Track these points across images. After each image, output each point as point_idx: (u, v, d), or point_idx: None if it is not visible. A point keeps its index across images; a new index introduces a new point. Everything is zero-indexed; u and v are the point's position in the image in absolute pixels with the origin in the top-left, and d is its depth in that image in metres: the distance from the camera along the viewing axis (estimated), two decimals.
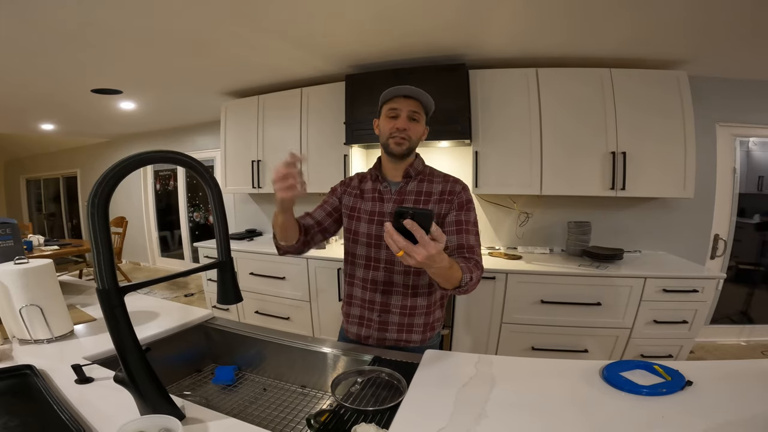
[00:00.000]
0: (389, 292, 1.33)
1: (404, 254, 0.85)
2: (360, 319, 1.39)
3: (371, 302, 1.35)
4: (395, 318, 1.33)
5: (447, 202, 1.28)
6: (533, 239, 3.22)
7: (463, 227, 1.24)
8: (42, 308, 1.23)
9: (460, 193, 1.29)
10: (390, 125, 1.26)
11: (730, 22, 2.13)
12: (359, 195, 1.39)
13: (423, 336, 1.36)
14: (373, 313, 1.35)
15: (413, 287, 1.32)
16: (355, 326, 1.40)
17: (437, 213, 1.27)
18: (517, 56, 2.78)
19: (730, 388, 0.94)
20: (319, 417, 0.91)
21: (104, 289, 0.74)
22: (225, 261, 0.99)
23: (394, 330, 1.34)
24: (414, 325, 1.34)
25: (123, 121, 5.10)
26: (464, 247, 1.21)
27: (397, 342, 1.34)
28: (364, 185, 1.41)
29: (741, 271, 3.35)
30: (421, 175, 1.35)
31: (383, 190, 1.35)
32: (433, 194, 1.30)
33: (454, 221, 1.25)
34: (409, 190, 1.32)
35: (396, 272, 1.31)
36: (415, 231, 0.84)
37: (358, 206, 1.37)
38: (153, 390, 0.82)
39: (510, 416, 0.87)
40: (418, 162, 1.35)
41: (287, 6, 2.07)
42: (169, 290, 5.14)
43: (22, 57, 2.65)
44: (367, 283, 1.35)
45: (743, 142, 3.15)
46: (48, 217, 8.62)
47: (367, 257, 1.34)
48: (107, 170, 0.73)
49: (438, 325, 1.41)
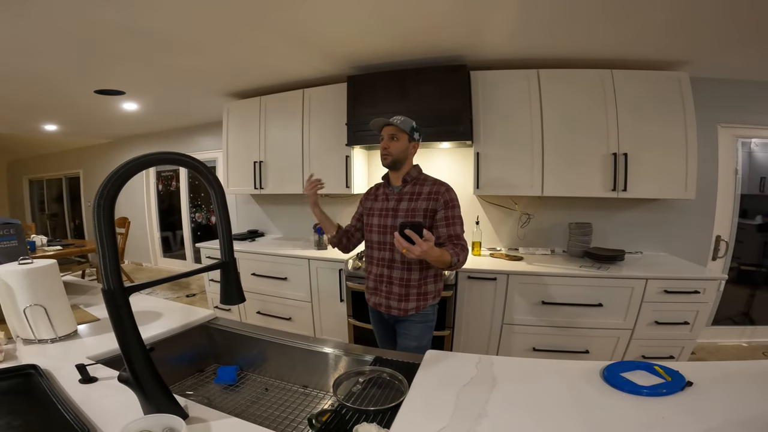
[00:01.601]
0: (392, 267, 1.74)
1: (406, 251, 1.30)
2: (375, 290, 1.82)
3: (380, 275, 1.78)
4: (396, 288, 1.73)
5: (433, 200, 1.69)
6: (534, 240, 3.22)
7: (451, 221, 1.66)
8: (46, 308, 1.23)
9: (444, 193, 1.69)
10: (381, 146, 1.76)
11: (731, 22, 2.12)
12: (375, 198, 1.87)
13: (417, 304, 1.72)
14: (381, 284, 1.78)
15: (409, 263, 1.71)
16: (372, 296, 1.84)
17: (425, 208, 1.69)
18: (518, 57, 2.79)
19: (730, 389, 0.95)
20: (321, 417, 0.92)
21: (110, 289, 0.75)
22: (228, 261, 1.00)
23: (396, 299, 1.73)
24: (410, 294, 1.72)
25: (126, 122, 5.12)
26: (453, 236, 1.65)
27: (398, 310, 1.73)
28: (379, 191, 1.88)
29: (743, 272, 3.34)
30: (415, 180, 1.78)
31: (388, 192, 1.82)
32: (423, 194, 1.72)
33: (443, 217, 1.67)
34: (405, 192, 1.76)
35: (396, 251, 1.70)
36: (412, 236, 1.29)
37: (372, 205, 1.85)
38: (157, 390, 0.83)
39: (510, 416, 0.87)
40: (413, 170, 1.80)
41: (289, 7, 2.07)
42: (171, 291, 5.16)
43: (26, 57, 2.67)
44: (377, 260, 1.79)
45: (745, 143, 3.15)
46: (51, 217, 8.65)
47: (378, 242, 1.79)
48: (112, 172, 0.74)
49: (431, 297, 1.76)
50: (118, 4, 1.98)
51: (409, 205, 1.72)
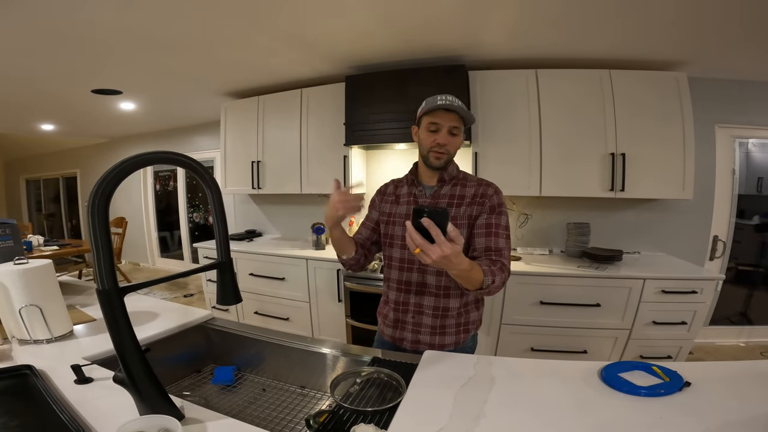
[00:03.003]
0: (422, 293, 1.36)
1: (420, 252, 0.91)
2: (395, 322, 1.41)
3: (405, 304, 1.39)
4: (428, 320, 1.35)
5: (479, 205, 1.31)
6: (533, 240, 3.22)
7: (493, 230, 1.28)
8: (41, 308, 1.23)
9: (492, 197, 1.32)
10: (431, 139, 1.30)
11: (729, 22, 2.13)
12: (395, 201, 1.44)
13: (456, 338, 1.36)
14: (407, 315, 1.38)
15: (445, 288, 1.34)
16: (390, 329, 1.43)
17: (469, 215, 1.31)
18: (516, 57, 2.79)
19: (728, 389, 0.95)
20: (319, 417, 0.92)
21: (104, 289, 0.75)
22: (225, 262, 0.99)
23: (428, 332, 1.35)
24: (447, 326, 1.35)
25: (123, 122, 5.11)
26: (492, 249, 1.25)
27: (431, 346, 1.34)
28: (400, 190, 1.45)
29: (740, 272, 3.35)
30: (455, 179, 1.38)
31: (418, 193, 1.39)
32: (466, 197, 1.33)
33: (484, 224, 1.29)
34: (443, 194, 1.36)
35: (429, 273, 1.34)
36: (431, 229, 0.89)
37: (393, 211, 1.42)
38: (152, 390, 0.82)
39: (508, 417, 0.87)
40: (452, 167, 1.38)
41: (287, 6, 2.07)
42: (168, 291, 5.14)
43: (22, 57, 2.66)
44: (402, 284, 1.39)
45: (743, 143, 3.16)
46: (47, 217, 8.62)
47: (401, 259, 1.38)
48: (107, 171, 0.74)
49: (473, 327, 1.41)
50: (115, 3, 1.97)
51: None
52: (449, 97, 1.26)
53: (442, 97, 1.26)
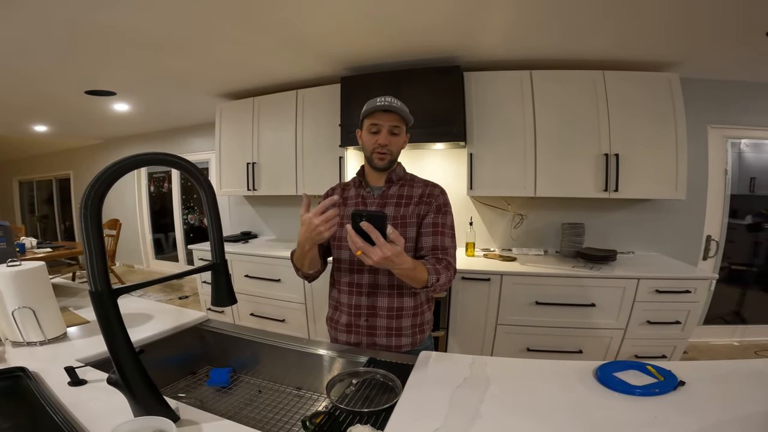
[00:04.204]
0: (375, 294, 1.34)
1: (362, 254, 0.95)
2: (348, 326, 1.38)
3: (357, 306, 1.35)
4: (383, 321, 1.33)
5: (426, 204, 1.34)
6: (527, 241, 3.24)
7: (439, 229, 1.31)
8: (35, 311, 1.22)
9: (438, 196, 1.36)
10: (372, 140, 1.32)
11: (720, 23, 2.15)
12: (342, 203, 1.43)
13: (413, 339, 1.36)
14: (360, 319, 1.35)
15: (398, 287, 1.33)
16: (344, 334, 1.39)
17: (417, 214, 1.33)
18: (511, 58, 2.80)
19: (722, 388, 0.95)
20: (315, 419, 0.91)
21: (97, 291, 0.74)
22: (219, 263, 0.99)
23: (383, 335, 1.34)
24: (402, 328, 1.34)
25: (117, 123, 5.08)
26: (438, 248, 1.29)
27: (387, 348, 1.34)
28: (348, 193, 1.45)
29: (733, 271, 3.38)
30: (402, 180, 1.41)
31: (366, 195, 1.40)
32: (413, 197, 1.36)
33: (431, 223, 1.32)
34: (391, 194, 1.38)
35: (381, 273, 1.32)
36: (370, 232, 0.92)
37: (341, 213, 1.38)
38: (146, 392, 0.82)
39: (504, 417, 0.87)
40: (399, 168, 1.41)
41: (281, 7, 2.07)
42: (163, 293, 5.11)
43: (15, 57, 2.64)
44: (353, 287, 1.36)
45: (735, 143, 3.19)
46: (41, 219, 8.55)
47: (351, 261, 1.35)
48: (100, 172, 0.73)
49: (428, 327, 1.41)
50: (109, 4, 1.96)
51: (397, 211, 1.34)
52: (388, 98, 1.28)
53: (381, 98, 1.28)
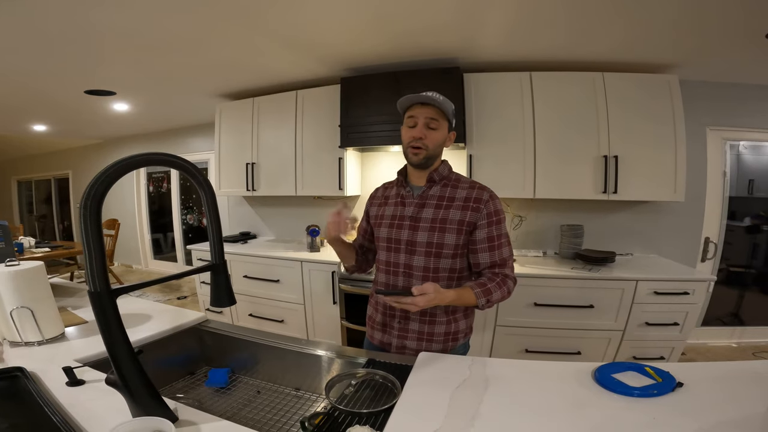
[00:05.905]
0: None
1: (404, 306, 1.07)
2: (382, 326, 1.37)
3: (390, 307, 1.33)
4: (415, 325, 1.30)
5: (473, 210, 1.24)
6: (527, 242, 3.24)
7: (495, 242, 1.24)
8: (33, 310, 1.22)
9: (487, 203, 1.25)
10: (408, 134, 1.26)
11: (721, 26, 2.15)
12: (383, 203, 1.41)
13: (444, 346, 1.31)
14: (393, 320, 1.34)
15: None
16: (378, 332, 1.39)
17: (460, 220, 1.24)
18: (511, 60, 2.80)
19: (720, 390, 0.96)
20: (313, 419, 0.91)
21: (96, 291, 0.74)
22: (218, 264, 0.99)
23: (414, 338, 1.31)
24: (434, 334, 1.30)
25: (116, 123, 5.07)
26: (497, 263, 1.24)
27: (416, 353, 1.26)
28: (389, 192, 1.42)
29: (732, 273, 3.38)
30: (445, 180, 1.32)
31: (405, 194, 1.34)
32: (456, 200, 1.27)
33: (485, 237, 1.24)
34: (431, 195, 1.30)
35: (415, 277, 1.28)
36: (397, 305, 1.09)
37: (381, 213, 1.39)
38: (145, 392, 0.82)
39: (503, 418, 0.87)
40: (443, 167, 1.33)
41: (281, 8, 2.07)
42: (161, 293, 5.11)
43: (15, 57, 2.63)
44: (389, 287, 1.33)
45: (733, 145, 3.19)
46: (39, 218, 8.53)
47: (387, 262, 1.34)
48: (100, 172, 0.73)
49: (461, 336, 1.35)
50: (109, 3, 1.96)
51: (436, 213, 1.26)
52: (429, 93, 1.22)
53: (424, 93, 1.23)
